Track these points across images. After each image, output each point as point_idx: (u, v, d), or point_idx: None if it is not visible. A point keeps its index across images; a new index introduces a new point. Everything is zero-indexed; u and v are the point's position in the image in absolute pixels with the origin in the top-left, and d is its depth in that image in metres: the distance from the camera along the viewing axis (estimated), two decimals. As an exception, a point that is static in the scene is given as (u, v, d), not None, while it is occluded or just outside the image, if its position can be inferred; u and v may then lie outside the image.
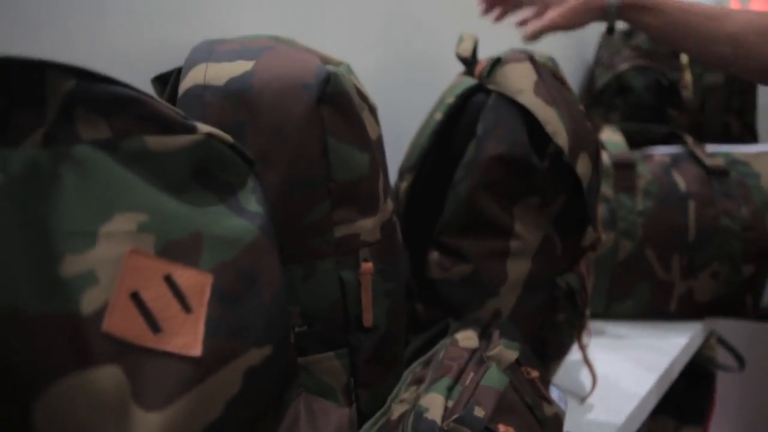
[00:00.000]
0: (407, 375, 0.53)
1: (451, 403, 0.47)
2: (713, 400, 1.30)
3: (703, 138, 1.09)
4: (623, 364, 0.83)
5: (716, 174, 0.94)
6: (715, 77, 1.09)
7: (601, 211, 0.91)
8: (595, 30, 1.24)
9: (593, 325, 0.94)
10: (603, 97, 1.11)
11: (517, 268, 0.62)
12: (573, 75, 1.19)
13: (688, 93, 1.08)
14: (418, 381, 0.51)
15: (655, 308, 0.93)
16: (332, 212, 0.44)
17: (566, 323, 0.67)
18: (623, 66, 1.08)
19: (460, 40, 0.69)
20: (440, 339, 0.59)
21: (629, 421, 0.71)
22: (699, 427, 1.22)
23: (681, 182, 0.93)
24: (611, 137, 0.98)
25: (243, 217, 0.33)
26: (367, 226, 0.46)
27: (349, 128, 0.45)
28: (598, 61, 1.16)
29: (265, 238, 0.33)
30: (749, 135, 1.14)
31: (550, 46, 1.13)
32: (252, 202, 0.34)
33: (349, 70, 0.52)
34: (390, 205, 0.50)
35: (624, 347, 0.88)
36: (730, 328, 1.62)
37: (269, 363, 0.31)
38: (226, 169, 0.34)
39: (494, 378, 0.50)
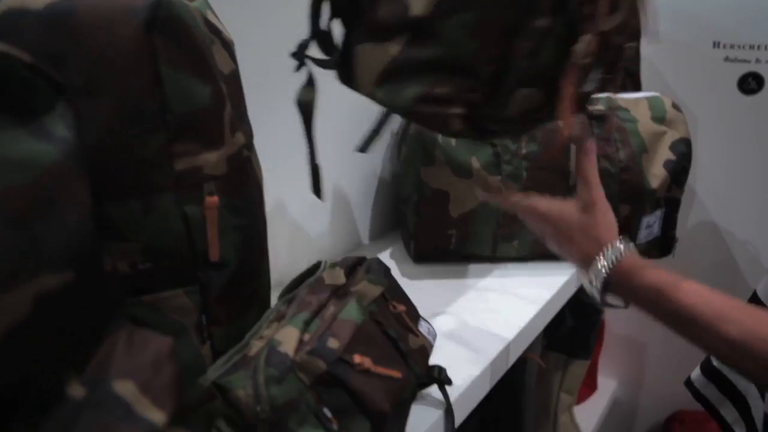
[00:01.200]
0: (270, 313, 0.53)
1: (307, 336, 0.48)
2: (600, 336, 1.38)
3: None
4: (506, 300, 0.86)
5: (596, 118, 0.97)
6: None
7: (487, 154, 0.92)
8: None
9: (480, 267, 0.96)
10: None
11: None
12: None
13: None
14: (280, 318, 0.51)
15: (539, 248, 0.97)
16: (170, 145, 0.43)
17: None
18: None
19: None
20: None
21: (504, 351, 0.74)
22: (586, 360, 1.29)
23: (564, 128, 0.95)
24: (498, 83, 0.99)
25: (44, 141, 0.31)
26: (211, 159, 0.45)
27: (188, 58, 0.43)
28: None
29: (69, 163, 0.31)
30: (633, 84, 1.18)
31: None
32: (60, 127, 0.32)
33: (205, 5, 0.49)
34: (240, 138, 0.48)
35: (509, 285, 0.91)
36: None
37: (70, 290, 0.30)
38: (28, 91, 0.32)
39: (352, 312, 0.50)
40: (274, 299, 0.58)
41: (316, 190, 0.55)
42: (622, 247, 0.60)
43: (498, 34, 0.47)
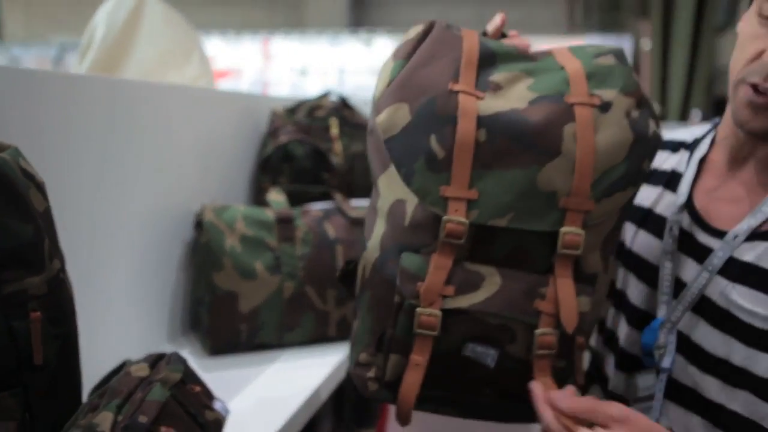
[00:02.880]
0: (84, 406, 0.63)
1: (120, 418, 0.59)
2: (381, 405, 1.58)
3: (352, 195, 1.37)
4: (293, 377, 1.03)
5: (357, 223, 1.21)
6: (359, 146, 1.39)
7: (269, 258, 1.10)
8: (267, 105, 1.47)
9: (269, 354, 1.12)
10: (271, 163, 1.33)
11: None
12: (248, 144, 1.39)
13: (338, 159, 1.35)
14: (94, 408, 0.62)
15: (318, 334, 1.15)
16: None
17: None
18: (285, 138, 1.32)
19: None
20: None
21: (293, 418, 0.90)
22: (372, 428, 1.48)
23: (331, 231, 1.17)
24: (276, 197, 1.19)
25: None
26: (35, 282, 0.56)
27: (10, 203, 0.55)
28: (268, 133, 1.38)
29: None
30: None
31: (228, 122, 1.32)
32: None
33: (16, 153, 0.62)
34: (56, 264, 0.61)
35: (294, 366, 1.07)
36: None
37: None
38: None
39: (156, 393, 0.63)
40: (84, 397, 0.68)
41: None
42: None
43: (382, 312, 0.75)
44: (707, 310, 0.81)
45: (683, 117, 8.76)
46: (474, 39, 0.78)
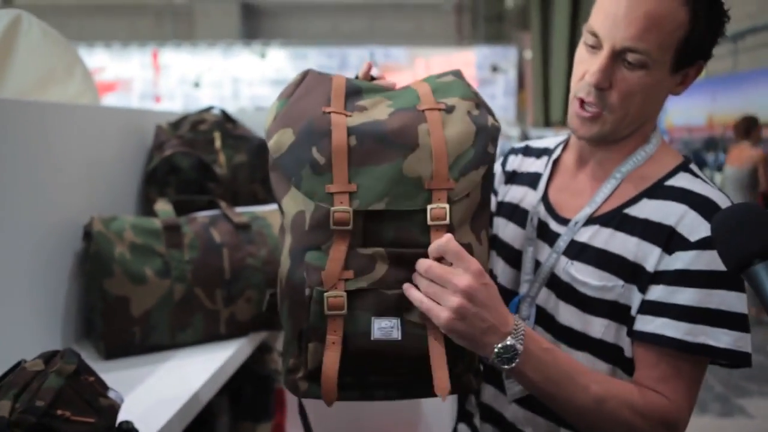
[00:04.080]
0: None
1: (18, 405, 0.66)
2: (277, 398, 1.67)
3: (237, 203, 1.46)
4: (183, 375, 1.10)
5: (242, 228, 1.30)
6: (242, 157, 1.48)
7: (158, 263, 1.17)
8: (152, 120, 1.53)
9: (162, 355, 1.19)
10: (157, 175, 1.40)
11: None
12: (134, 158, 1.45)
13: (222, 170, 1.44)
14: (-8, 402, 0.68)
15: (209, 332, 1.23)
16: None
17: None
18: (170, 151, 1.39)
19: None
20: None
21: (183, 409, 0.98)
22: (269, 421, 1.57)
23: (217, 236, 1.26)
24: (163, 207, 1.27)
25: None
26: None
27: None
28: (153, 147, 1.45)
29: None
30: (272, 197, 1.55)
31: (113, 137, 1.37)
32: None
33: None
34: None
35: (185, 364, 1.15)
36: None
37: None
38: None
39: (52, 381, 0.71)
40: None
41: None
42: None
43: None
44: (555, 284, 0.99)
45: (564, 123, 9.39)
46: (342, 79, 0.97)
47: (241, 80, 12.14)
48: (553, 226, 1.03)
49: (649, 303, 0.90)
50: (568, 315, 0.97)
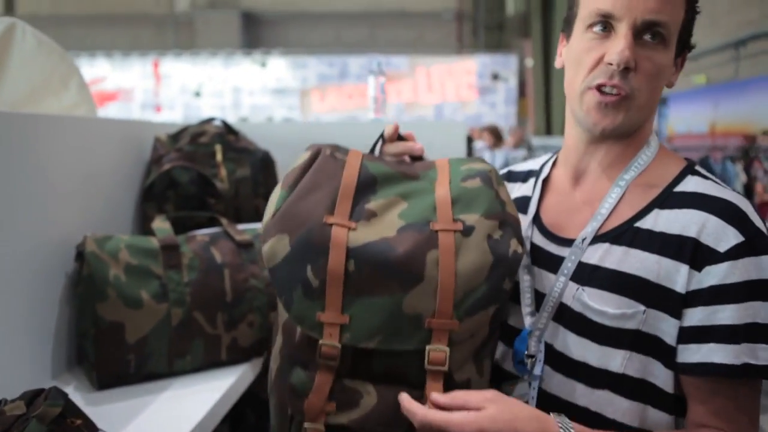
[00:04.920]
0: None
1: None
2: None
3: (239, 219, 1.39)
4: (184, 403, 1.03)
5: (244, 246, 1.23)
6: (244, 171, 1.41)
7: (155, 286, 1.10)
8: (150, 132, 1.46)
9: (159, 384, 1.11)
10: (155, 190, 1.32)
11: None
12: (131, 173, 1.38)
13: (223, 185, 1.37)
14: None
15: (209, 359, 1.15)
16: None
17: None
18: (168, 165, 1.32)
19: None
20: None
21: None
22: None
23: (218, 255, 1.18)
24: (160, 225, 1.19)
25: None
26: None
27: None
28: (151, 160, 1.38)
29: None
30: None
31: (110, 151, 1.30)
32: None
33: None
34: None
35: (184, 395, 1.07)
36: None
37: None
38: None
39: (32, 430, 0.63)
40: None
41: None
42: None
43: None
44: (565, 316, 0.88)
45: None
46: (356, 165, 0.88)
47: (241, 89, 12.11)
48: (554, 249, 0.92)
49: (690, 329, 0.81)
50: (582, 349, 0.86)
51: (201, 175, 1.35)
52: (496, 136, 7.00)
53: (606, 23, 0.85)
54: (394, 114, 11.34)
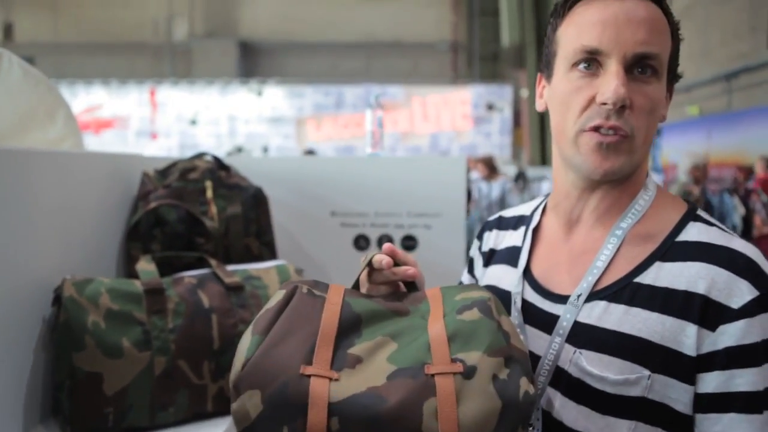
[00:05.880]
0: None
1: None
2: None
3: (229, 259, 1.32)
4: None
5: (234, 289, 1.16)
6: (235, 208, 1.35)
7: (137, 333, 1.03)
8: (139, 167, 1.40)
9: (140, 437, 1.04)
10: (140, 229, 1.26)
11: None
12: (117, 210, 1.32)
13: (213, 223, 1.31)
14: None
15: (194, 411, 1.08)
16: None
17: None
18: (155, 203, 1.26)
19: None
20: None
21: None
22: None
23: (205, 299, 1.12)
24: (145, 267, 1.13)
25: None
26: None
27: None
28: (138, 197, 1.32)
29: None
30: (268, 252, 1.42)
31: (95, 186, 1.24)
32: None
33: None
34: None
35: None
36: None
37: None
38: None
39: None
40: None
41: None
42: None
43: None
44: (562, 381, 0.80)
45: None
46: (337, 303, 0.77)
47: (237, 118, 12.13)
48: (547, 306, 0.85)
49: (708, 397, 0.74)
50: (583, 419, 0.78)
51: (189, 214, 1.29)
52: (490, 167, 6.96)
53: (593, 60, 0.79)
54: (390, 143, 11.35)
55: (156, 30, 14.33)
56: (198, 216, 1.28)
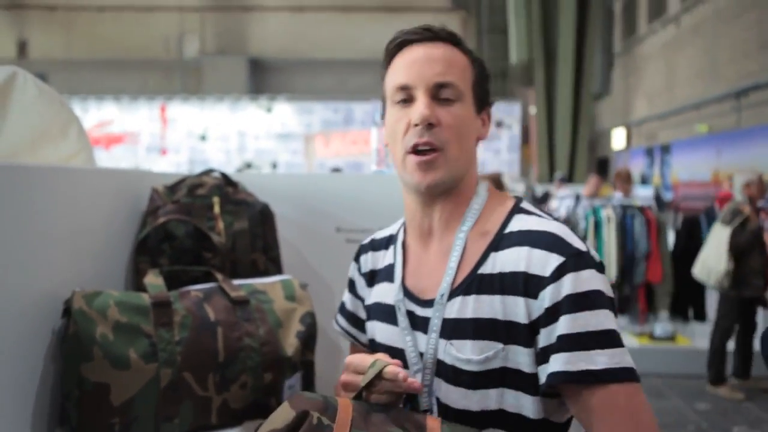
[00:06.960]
0: None
1: None
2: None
3: (236, 273, 1.35)
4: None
5: (239, 303, 1.18)
6: (242, 224, 1.38)
7: (144, 345, 1.05)
8: (148, 183, 1.43)
9: (145, 448, 1.05)
10: (149, 243, 1.29)
11: None
12: (126, 224, 1.35)
13: (220, 238, 1.33)
14: None
15: (198, 423, 1.10)
16: None
17: None
18: (164, 218, 1.29)
19: None
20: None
21: None
22: None
23: (211, 313, 1.14)
24: (152, 281, 1.15)
25: None
26: None
27: None
28: (147, 212, 1.35)
29: None
30: (274, 267, 1.44)
31: (104, 201, 1.27)
32: None
33: None
34: None
35: (171, 463, 1.01)
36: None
37: None
38: None
39: None
40: None
41: None
42: None
43: None
44: (442, 371, 0.94)
45: (569, 179, 9.38)
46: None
47: (247, 134, 12.21)
48: (420, 311, 0.99)
49: (539, 351, 0.88)
50: (462, 398, 0.92)
51: (197, 229, 1.31)
52: (497, 184, 6.97)
53: (407, 94, 0.96)
54: (397, 159, 11.33)
55: (167, 47, 14.51)
56: (205, 231, 1.31)
